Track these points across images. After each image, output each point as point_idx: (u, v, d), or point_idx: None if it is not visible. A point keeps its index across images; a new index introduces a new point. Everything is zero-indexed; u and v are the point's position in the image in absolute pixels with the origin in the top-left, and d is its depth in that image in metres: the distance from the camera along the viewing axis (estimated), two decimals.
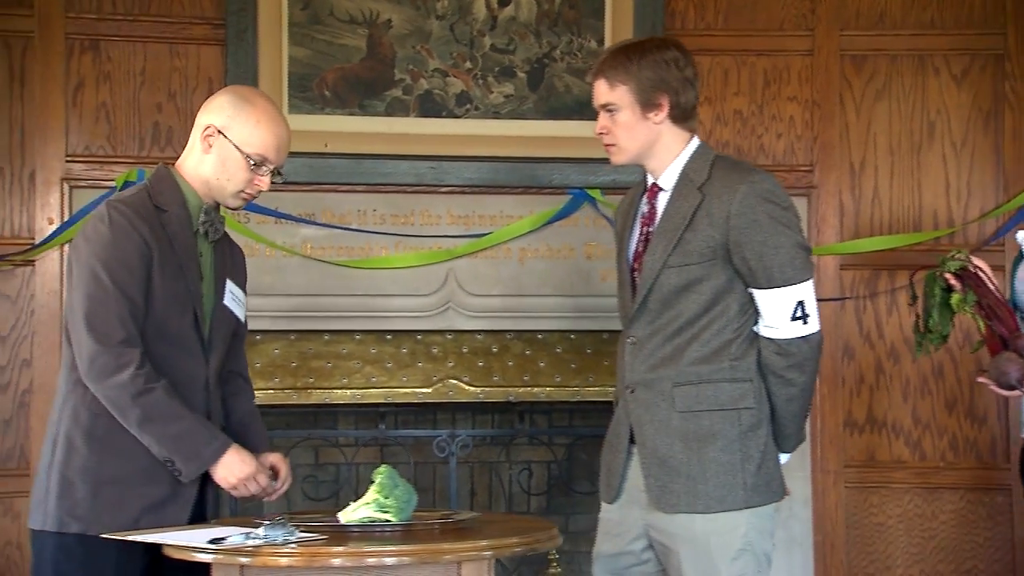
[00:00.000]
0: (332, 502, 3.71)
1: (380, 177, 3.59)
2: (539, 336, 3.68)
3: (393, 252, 3.59)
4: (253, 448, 2.27)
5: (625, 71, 2.18)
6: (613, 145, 2.25)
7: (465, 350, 3.64)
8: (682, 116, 2.22)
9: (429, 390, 3.57)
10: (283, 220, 3.54)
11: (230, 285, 2.31)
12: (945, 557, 3.70)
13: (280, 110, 2.33)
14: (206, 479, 2.19)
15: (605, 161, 3.69)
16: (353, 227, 3.57)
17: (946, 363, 3.69)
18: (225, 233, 2.35)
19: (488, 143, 3.62)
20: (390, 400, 3.56)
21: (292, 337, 3.57)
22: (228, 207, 2.30)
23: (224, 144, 2.22)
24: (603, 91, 2.22)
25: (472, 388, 3.59)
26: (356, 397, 3.54)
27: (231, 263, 2.36)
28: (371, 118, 3.58)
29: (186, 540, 1.88)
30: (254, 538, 1.82)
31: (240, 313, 2.35)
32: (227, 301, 2.29)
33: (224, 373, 2.35)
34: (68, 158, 3.47)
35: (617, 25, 3.65)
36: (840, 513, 3.70)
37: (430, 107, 3.61)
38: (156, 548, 2.05)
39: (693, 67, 2.23)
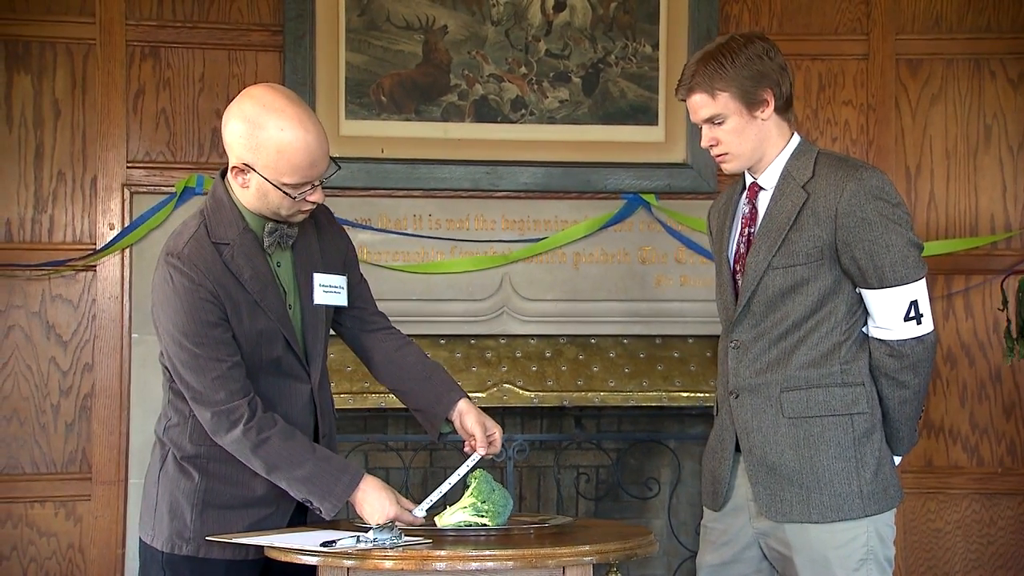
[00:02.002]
0: None
1: (436, 182, 3.60)
2: (593, 341, 3.68)
3: (448, 257, 3.60)
4: (442, 400, 2.24)
5: (723, 77, 2.09)
6: (725, 154, 2.15)
7: (519, 355, 3.64)
8: (785, 106, 2.15)
9: (483, 395, 3.57)
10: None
11: (320, 279, 2.19)
12: (1004, 564, 3.68)
13: (299, 109, 2.05)
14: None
15: (660, 166, 3.81)
16: (409, 232, 3.58)
17: (1004, 368, 3.68)
18: (309, 218, 2.16)
19: (543, 148, 3.63)
20: None
21: None
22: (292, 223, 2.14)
23: (257, 179, 2.06)
24: (703, 104, 2.12)
25: (526, 393, 3.58)
26: None
27: (318, 252, 2.20)
28: (427, 123, 3.59)
29: (297, 543, 1.88)
30: (364, 541, 1.83)
31: (338, 300, 2.23)
32: (318, 300, 2.18)
33: (369, 331, 2.31)
34: (129, 164, 3.50)
35: (672, 30, 3.65)
36: (897, 519, 3.66)
37: (485, 112, 3.62)
38: (264, 567, 2.08)
39: (780, 53, 2.15)
